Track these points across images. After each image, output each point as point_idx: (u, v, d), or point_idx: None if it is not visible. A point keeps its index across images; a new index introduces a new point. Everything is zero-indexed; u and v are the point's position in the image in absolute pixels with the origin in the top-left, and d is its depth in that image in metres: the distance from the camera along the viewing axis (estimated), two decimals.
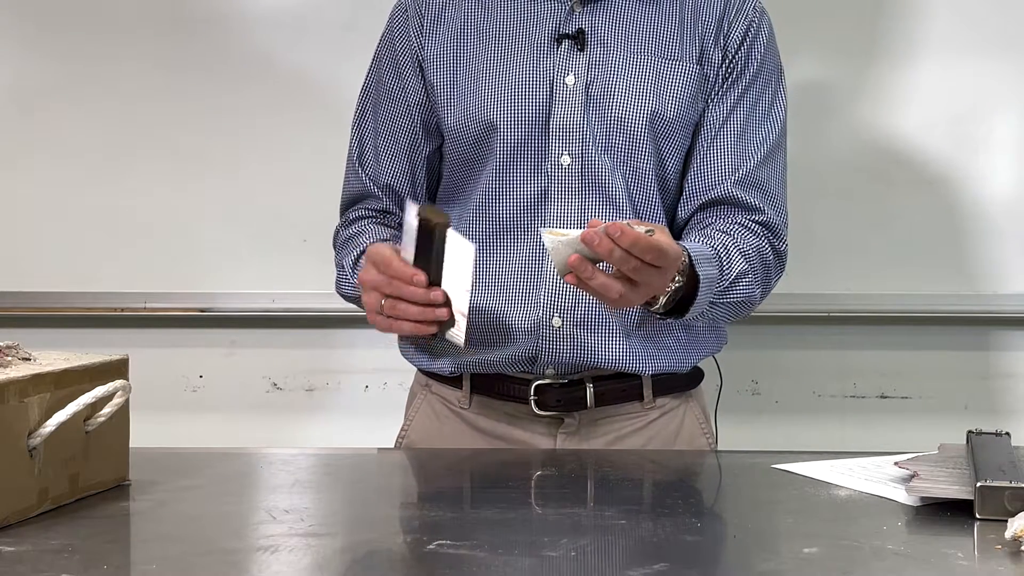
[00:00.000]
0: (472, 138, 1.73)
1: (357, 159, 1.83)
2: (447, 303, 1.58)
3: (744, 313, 1.72)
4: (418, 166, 1.80)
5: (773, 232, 1.74)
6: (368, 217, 1.82)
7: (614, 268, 1.47)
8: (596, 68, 1.72)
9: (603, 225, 1.44)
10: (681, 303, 1.60)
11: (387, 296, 1.61)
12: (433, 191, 1.83)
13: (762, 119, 1.76)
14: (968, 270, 2.54)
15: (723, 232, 1.70)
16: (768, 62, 1.78)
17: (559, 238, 1.46)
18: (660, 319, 1.65)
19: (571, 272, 1.47)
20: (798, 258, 2.46)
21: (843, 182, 2.53)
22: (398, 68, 1.78)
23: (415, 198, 1.78)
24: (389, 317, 1.62)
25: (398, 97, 1.79)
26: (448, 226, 1.58)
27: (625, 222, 1.46)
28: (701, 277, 1.59)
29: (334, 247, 1.86)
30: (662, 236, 1.49)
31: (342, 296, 1.82)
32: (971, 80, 2.50)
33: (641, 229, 1.45)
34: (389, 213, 1.82)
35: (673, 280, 1.56)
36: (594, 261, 1.47)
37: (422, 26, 1.76)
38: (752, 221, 1.73)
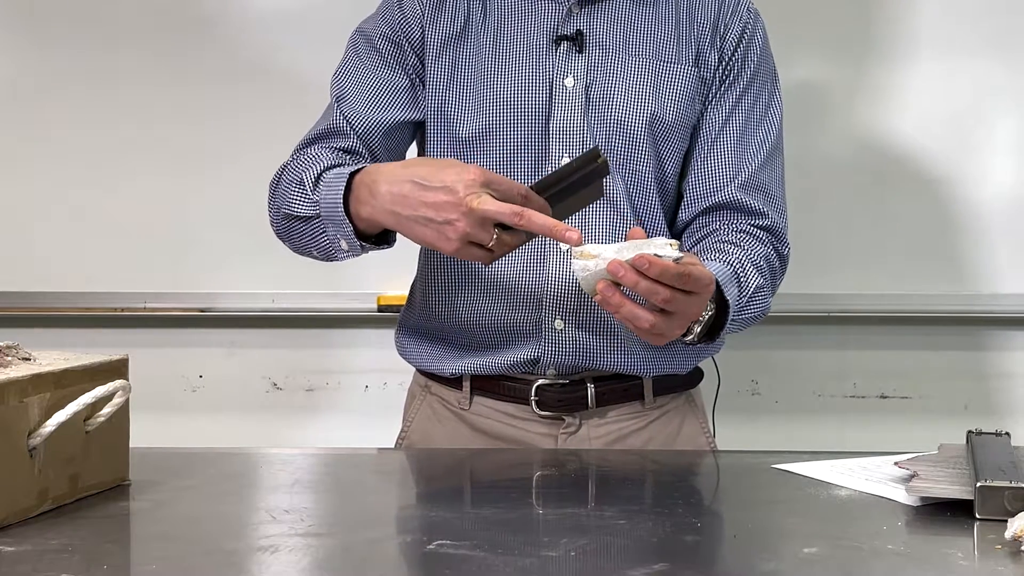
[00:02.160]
0: (470, 138, 1.72)
1: (336, 100, 1.74)
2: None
3: (755, 323, 1.72)
4: (395, 129, 1.73)
5: (776, 236, 1.74)
6: (331, 152, 1.69)
7: (646, 300, 1.44)
8: (595, 70, 1.72)
9: (631, 253, 1.41)
10: (710, 326, 1.59)
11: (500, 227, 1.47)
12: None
13: (759, 121, 1.76)
14: (968, 270, 2.54)
15: (733, 244, 1.69)
16: (764, 64, 1.78)
17: (588, 263, 1.43)
18: (689, 346, 1.62)
19: (599, 295, 1.44)
20: (798, 258, 2.46)
21: (843, 182, 2.53)
22: (397, 41, 1.74)
23: (387, 157, 1.72)
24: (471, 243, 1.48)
25: (393, 64, 1.74)
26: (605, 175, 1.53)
27: (655, 242, 1.42)
28: (731, 302, 1.58)
29: (271, 188, 1.72)
30: (692, 260, 1.47)
31: (286, 215, 1.66)
32: (971, 80, 2.51)
33: (673, 253, 1.42)
34: (356, 155, 1.70)
35: (706, 309, 1.53)
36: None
37: (423, 14, 1.75)
38: (755, 227, 1.72)
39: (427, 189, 1.48)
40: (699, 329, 1.56)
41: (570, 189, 1.51)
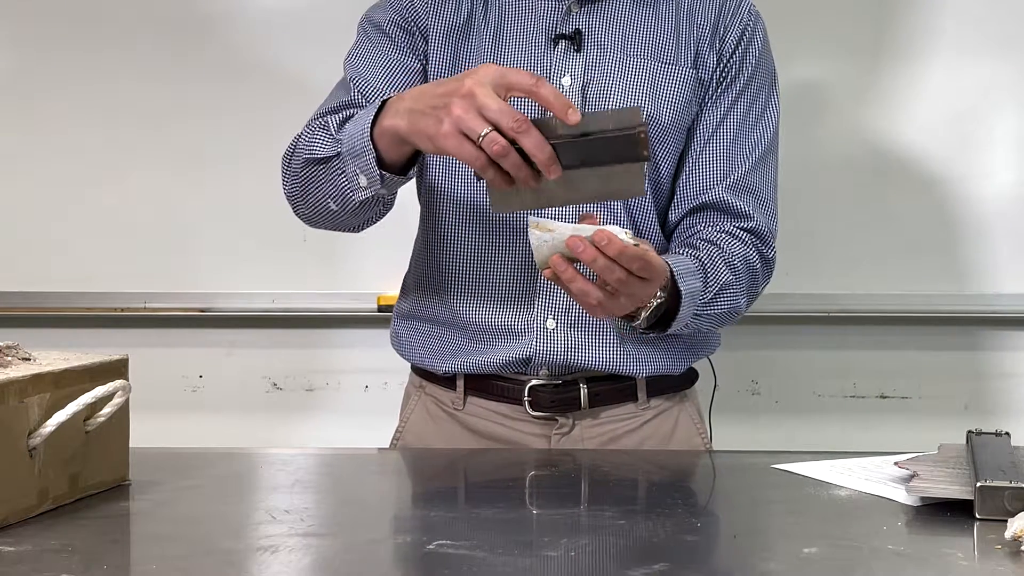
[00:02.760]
0: None
1: (351, 78, 1.73)
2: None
3: (729, 322, 1.72)
4: None
5: (761, 239, 1.74)
6: (340, 117, 1.65)
7: (597, 277, 1.46)
8: (593, 70, 1.71)
9: (591, 230, 1.42)
10: (664, 317, 1.60)
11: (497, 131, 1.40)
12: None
13: (755, 124, 1.76)
14: (968, 270, 2.54)
15: (709, 241, 1.69)
16: (762, 66, 1.77)
17: (544, 235, 1.43)
18: (643, 333, 1.64)
19: (550, 268, 1.44)
20: (798, 258, 2.48)
21: (843, 182, 2.53)
22: (406, 28, 1.74)
23: None
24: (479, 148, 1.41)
25: (404, 48, 1.73)
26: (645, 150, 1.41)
27: (611, 229, 1.43)
28: (683, 291, 1.58)
29: (285, 160, 1.70)
30: (646, 247, 1.48)
31: (306, 161, 1.63)
32: (972, 80, 2.51)
33: (627, 239, 1.43)
34: None
35: (655, 296, 1.54)
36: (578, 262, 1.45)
37: (429, 4, 1.74)
38: (740, 228, 1.72)
39: (442, 83, 1.48)
40: (646, 315, 1.56)
41: (599, 148, 1.40)
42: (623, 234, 1.43)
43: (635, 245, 1.44)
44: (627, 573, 1.09)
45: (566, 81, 1.71)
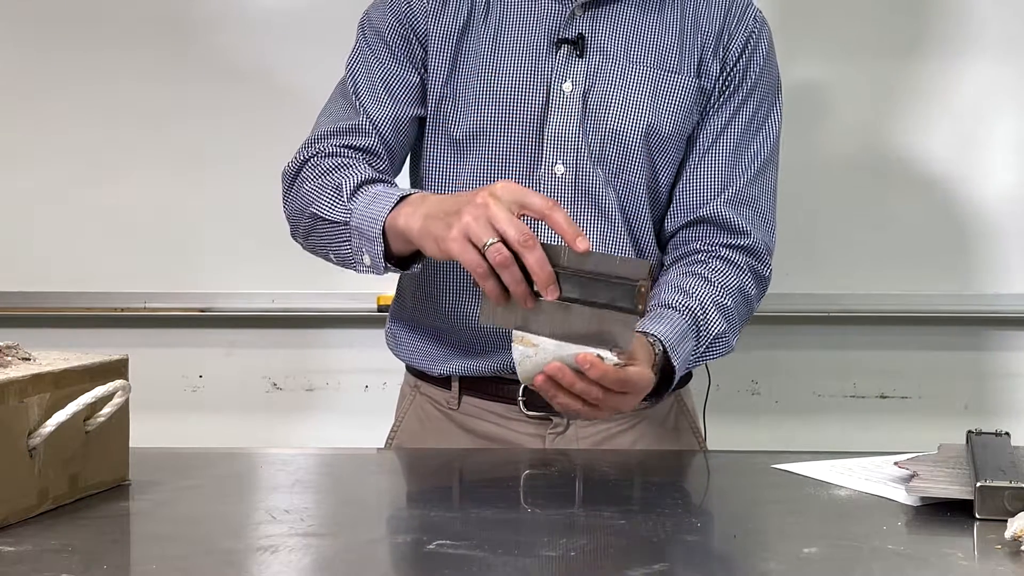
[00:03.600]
0: (464, 137, 1.70)
1: (352, 91, 1.72)
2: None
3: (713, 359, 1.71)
4: (407, 123, 1.72)
5: (757, 257, 1.72)
6: (354, 152, 1.67)
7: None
8: (594, 76, 1.69)
9: (573, 353, 1.38)
10: (658, 386, 1.56)
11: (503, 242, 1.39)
12: (400, 163, 1.77)
13: (755, 134, 1.74)
14: (968, 270, 2.54)
15: (703, 279, 1.66)
16: (766, 75, 1.75)
17: (528, 350, 1.40)
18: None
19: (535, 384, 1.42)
20: (798, 258, 2.48)
21: (843, 182, 2.54)
22: (404, 34, 1.73)
23: (398, 152, 1.72)
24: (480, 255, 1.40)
25: (402, 58, 1.72)
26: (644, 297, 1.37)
27: (596, 352, 1.38)
28: (676, 366, 1.56)
29: (289, 178, 1.69)
30: (635, 360, 1.44)
31: (313, 215, 1.62)
32: (972, 80, 2.51)
33: (611, 358, 1.38)
34: (375, 155, 1.69)
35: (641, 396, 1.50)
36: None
37: (428, 8, 1.73)
38: (734, 249, 1.70)
39: (461, 195, 1.47)
40: (637, 405, 1.52)
41: (597, 288, 1.38)
42: (608, 354, 1.39)
43: (618, 365, 1.40)
44: (627, 573, 1.09)
45: (567, 87, 1.69)
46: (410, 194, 1.55)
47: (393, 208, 1.54)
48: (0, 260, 2.58)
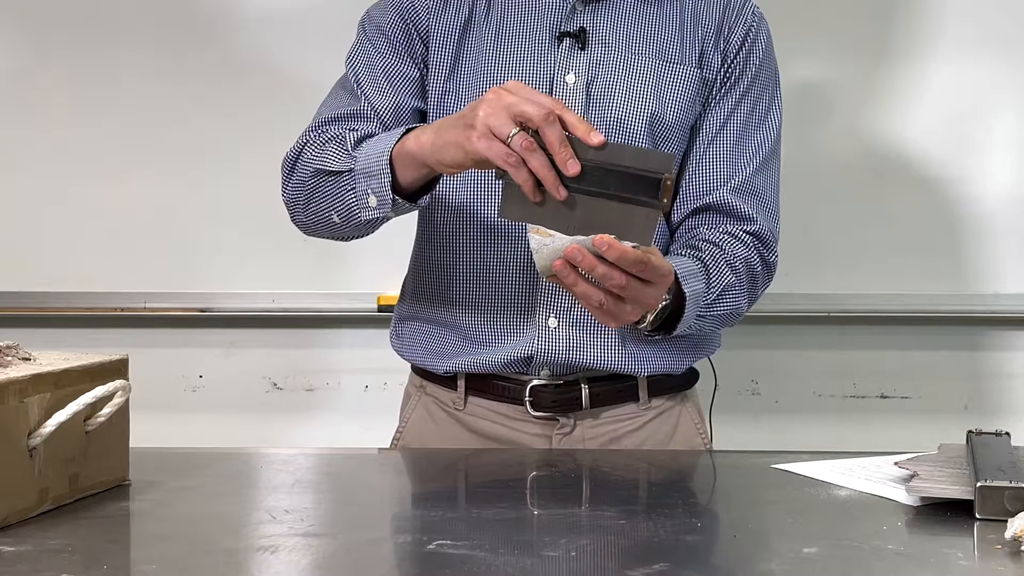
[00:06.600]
0: None
1: (354, 80, 1.74)
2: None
3: (731, 323, 1.72)
4: (409, 116, 1.73)
5: (763, 243, 1.73)
6: (355, 135, 1.66)
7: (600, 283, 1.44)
8: (597, 68, 1.71)
9: (589, 238, 1.41)
10: (668, 319, 1.60)
11: (527, 131, 1.41)
12: None
13: (758, 125, 1.75)
14: (968, 270, 2.54)
15: (711, 243, 1.69)
16: (765, 68, 1.77)
17: (544, 239, 1.42)
18: (648, 336, 1.65)
19: (554, 275, 1.43)
20: (798, 258, 2.48)
21: (843, 182, 2.54)
22: (406, 29, 1.74)
23: None
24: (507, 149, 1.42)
25: (403, 53, 1.74)
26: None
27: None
28: (688, 293, 1.58)
29: (289, 163, 1.70)
30: (651, 251, 1.47)
31: (316, 171, 1.63)
32: (972, 80, 2.51)
33: (627, 244, 1.41)
34: None
35: (663, 299, 1.54)
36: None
37: (430, 3, 1.74)
38: (742, 231, 1.72)
39: (469, 106, 1.49)
40: (651, 317, 1.56)
41: (621, 180, 1.40)
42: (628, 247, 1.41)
43: (635, 246, 1.42)
44: (627, 573, 1.09)
45: (570, 79, 1.70)
46: (413, 127, 1.57)
47: (399, 140, 1.56)
48: (0, 260, 2.58)
